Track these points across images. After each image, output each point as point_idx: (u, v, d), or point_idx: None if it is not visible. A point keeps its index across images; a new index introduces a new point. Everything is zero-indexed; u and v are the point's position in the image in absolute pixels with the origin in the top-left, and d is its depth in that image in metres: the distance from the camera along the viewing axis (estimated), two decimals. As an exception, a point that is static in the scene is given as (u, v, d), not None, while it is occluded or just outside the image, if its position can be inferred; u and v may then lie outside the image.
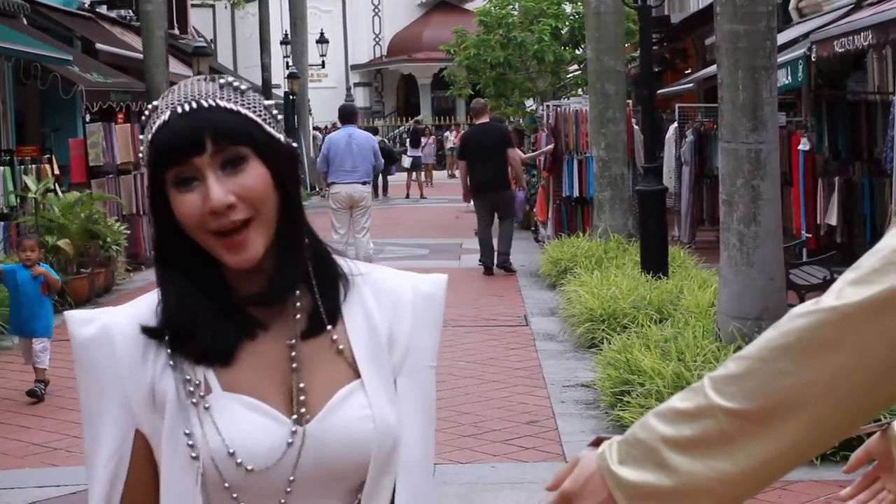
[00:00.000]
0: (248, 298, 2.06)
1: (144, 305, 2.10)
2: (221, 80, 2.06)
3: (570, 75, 27.62)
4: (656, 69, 31.45)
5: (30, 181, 16.08)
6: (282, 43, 46.60)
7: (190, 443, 1.98)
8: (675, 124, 21.08)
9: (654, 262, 13.51)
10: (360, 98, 62.76)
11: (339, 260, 2.16)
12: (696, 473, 1.89)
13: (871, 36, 12.26)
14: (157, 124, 2.02)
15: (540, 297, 15.22)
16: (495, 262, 18.13)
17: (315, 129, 43.90)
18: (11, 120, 21.34)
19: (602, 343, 10.63)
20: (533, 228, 22.77)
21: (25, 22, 23.26)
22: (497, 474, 7.84)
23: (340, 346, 2.07)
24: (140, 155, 2.09)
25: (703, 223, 20.44)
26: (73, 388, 10.33)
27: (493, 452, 8.32)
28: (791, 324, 1.83)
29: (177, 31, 38.50)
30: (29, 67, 20.70)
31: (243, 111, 2.03)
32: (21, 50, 19.34)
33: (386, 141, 40.24)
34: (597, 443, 2.08)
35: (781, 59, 15.27)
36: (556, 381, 10.35)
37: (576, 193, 18.87)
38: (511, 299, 15.34)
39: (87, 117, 21.58)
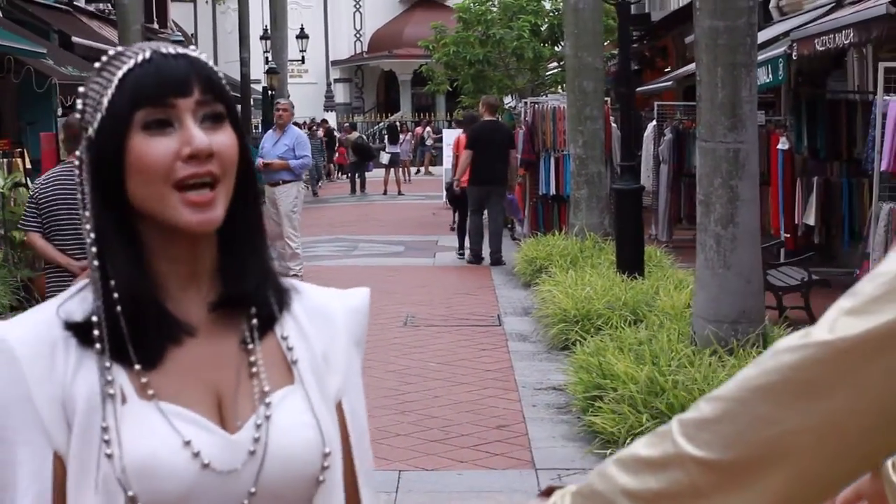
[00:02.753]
0: (224, 298, 1.86)
1: (46, 310, 1.84)
2: (196, 49, 1.89)
3: (550, 72, 27.40)
4: (635, 67, 31.30)
5: (-3, 175, 15.79)
6: (262, 38, 46.23)
7: (107, 438, 1.73)
8: (654, 122, 20.90)
9: (630, 262, 13.30)
10: (340, 94, 62.59)
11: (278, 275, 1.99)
12: None
13: (852, 34, 12.06)
14: (131, 62, 1.80)
15: (514, 297, 14.99)
16: (487, 257, 18.38)
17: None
18: (-16, 113, 21.06)
19: (575, 345, 10.41)
20: (509, 226, 22.57)
21: (1, 14, 22.97)
22: (463, 482, 7.59)
23: (282, 354, 1.90)
24: (81, 107, 1.83)
25: (680, 222, 20.26)
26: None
27: (461, 459, 8.07)
28: (775, 361, 1.54)
29: (156, 26, 38.24)
30: (2, 60, 20.42)
31: (221, 74, 1.88)
32: (-8, 42, 19.05)
33: (364, 137, 39.94)
34: (548, 492, 1.82)
35: (761, 57, 15.07)
36: (528, 384, 10.12)
37: (552, 191, 18.68)
38: (485, 298, 15.10)
39: (61, 111, 21.32)
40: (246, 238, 1.88)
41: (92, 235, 1.81)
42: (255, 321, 1.87)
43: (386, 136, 41.90)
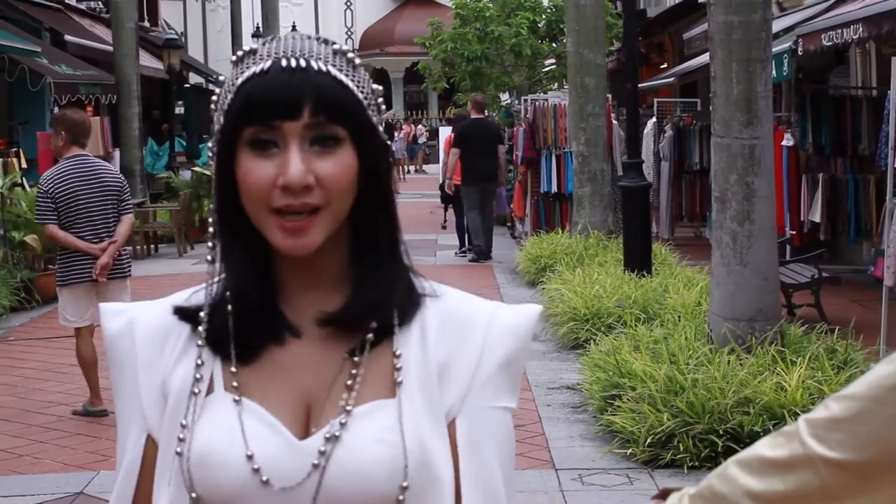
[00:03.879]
0: (330, 318, 1.77)
1: (178, 297, 1.86)
2: (336, 46, 1.77)
3: (546, 69, 27.33)
4: (632, 64, 31.31)
5: (-4, 175, 15.67)
6: (253, 36, 46.12)
7: (181, 436, 1.72)
8: (654, 119, 20.86)
9: (638, 260, 13.23)
10: (332, 92, 62.44)
11: (414, 277, 1.86)
12: None
13: (861, 29, 11.98)
14: (251, 71, 1.73)
15: (519, 295, 14.92)
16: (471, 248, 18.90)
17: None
18: (-22, 113, 20.98)
19: (587, 343, 10.34)
20: (509, 224, 22.52)
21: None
22: (484, 483, 7.49)
23: (391, 368, 1.77)
24: (214, 98, 1.79)
25: (682, 219, 20.23)
26: (41, 390, 10.03)
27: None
28: None
29: (147, 24, 38.13)
30: (-4, 59, 20.32)
31: (352, 87, 1.75)
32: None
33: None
34: (663, 495, 1.74)
35: (765, 53, 15.01)
36: (541, 384, 10.04)
37: (554, 189, 18.60)
38: (489, 297, 14.69)
39: (56, 110, 21.21)
40: (374, 254, 1.80)
41: (210, 230, 1.81)
42: (370, 335, 1.77)
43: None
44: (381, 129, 1.79)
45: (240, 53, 1.76)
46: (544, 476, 7.60)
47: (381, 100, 1.81)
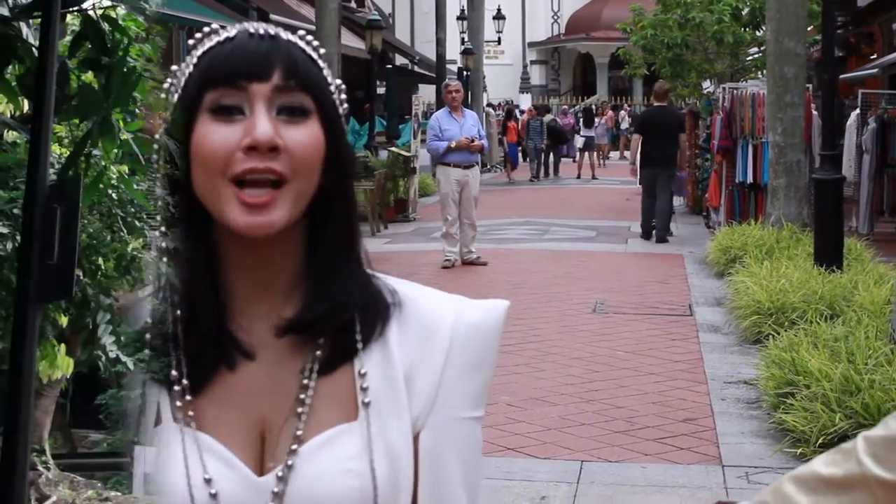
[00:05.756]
0: (289, 324, 1.63)
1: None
2: (302, 33, 1.67)
3: (750, 57, 26.82)
4: (839, 54, 30.55)
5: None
6: (458, 18, 46.50)
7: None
8: (858, 111, 20.33)
9: (829, 255, 12.91)
10: (536, 76, 62.56)
11: (379, 283, 1.71)
12: None
13: None
14: (214, 40, 1.63)
15: (706, 286, 14.69)
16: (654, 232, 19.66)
17: (489, 105, 43.61)
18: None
19: (768, 338, 10.14)
20: (704, 214, 22.23)
21: (202, -9, 23.36)
22: (647, 475, 7.40)
23: (354, 389, 1.64)
24: (170, 80, 1.65)
25: (882, 214, 19.70)
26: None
27: (645, 451, 7.88)
28: None
29: (353, 4, 38.65)
30: (203, 36, 20.80)
31: (321, 64, 1.65)
32: (192, 19, 19.39)
33: (557, 120, 39.62)
34: (719, 507, 1.69)
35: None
36: (718, 377, 9.87)
37: (749, 179, 18.25)
38: (676, 287, 14.84)
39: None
40: (330, 250, 1.65)
41: (156, 233, 1.67)
42: (318, 353, 1.63)
43: (581, 120, 41.55)
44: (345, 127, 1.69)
45: (196, 37, 1.65)
46: (710, 472, 7.46)
47: (343, 97, 1.69)
